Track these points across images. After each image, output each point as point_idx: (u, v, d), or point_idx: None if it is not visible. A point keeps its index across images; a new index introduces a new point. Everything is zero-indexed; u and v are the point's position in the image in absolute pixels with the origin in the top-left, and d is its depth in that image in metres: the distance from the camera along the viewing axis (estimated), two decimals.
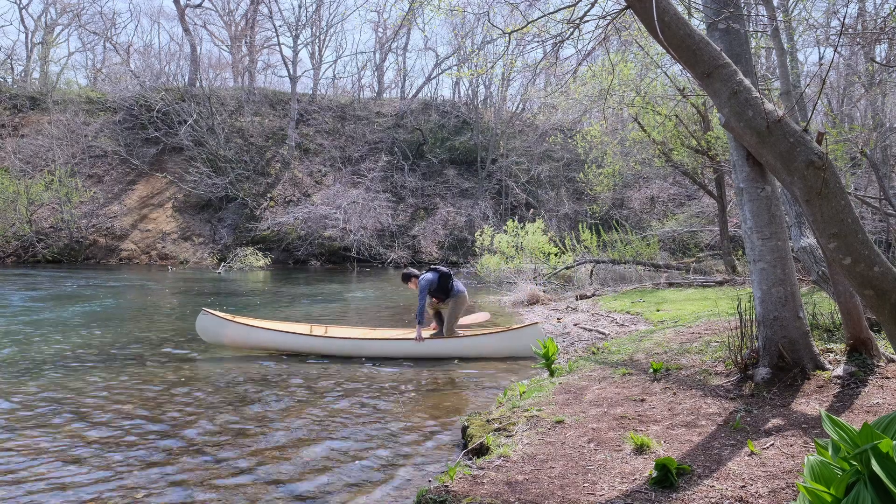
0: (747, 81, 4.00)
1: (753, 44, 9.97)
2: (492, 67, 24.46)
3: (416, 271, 8.60)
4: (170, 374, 7.04)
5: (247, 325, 8.27)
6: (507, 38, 6.20)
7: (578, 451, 3.75)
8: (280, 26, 47.29)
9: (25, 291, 15.54)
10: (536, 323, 8.28)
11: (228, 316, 8.36)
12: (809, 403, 4.14)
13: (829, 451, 2.34)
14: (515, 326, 8.21)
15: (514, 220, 20.88)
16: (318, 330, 8.64)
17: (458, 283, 8.38)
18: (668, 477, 3.15)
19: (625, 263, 16.89)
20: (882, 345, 4.93)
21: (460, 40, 35.49)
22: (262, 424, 5.22)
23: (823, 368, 4.61)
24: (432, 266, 8.49)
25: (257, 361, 7.73)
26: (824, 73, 6.62)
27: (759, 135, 3.81)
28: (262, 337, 8.21)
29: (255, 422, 5.29)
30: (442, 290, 8.26)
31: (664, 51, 4.80)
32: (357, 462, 4.41)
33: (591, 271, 17.34)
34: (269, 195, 31.33)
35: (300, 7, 39.10)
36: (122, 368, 7.23)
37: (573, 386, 5.33)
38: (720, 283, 13.48)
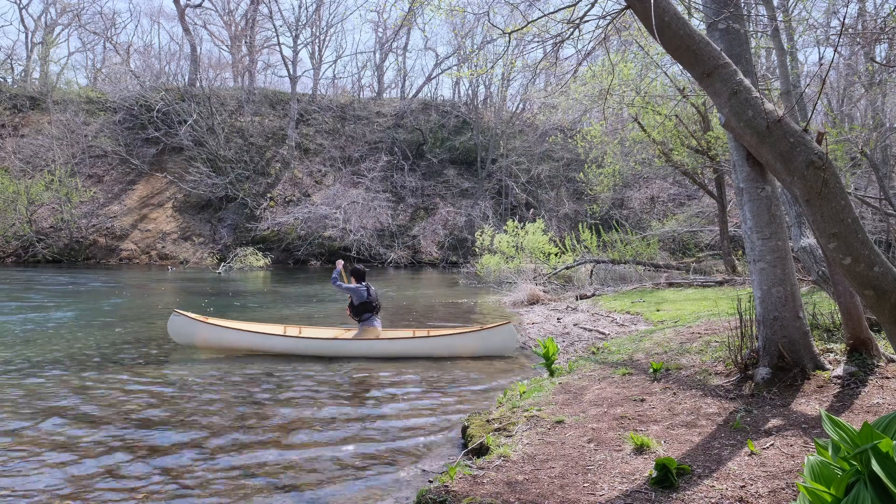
0: (747, 81, 4.00)
1: (753, 44, 9.97)
2: (492, 67, 24.46)
3: (365, 273, 8.74)
4: (167, 375, 7.04)
5: (218, 325, 8.21)
6: (507, 38, 6.19)
7: (578, 451, 3.75)
8: (280, 26, 47.49)
9: (25, 292, 15.54)
10: (508, 322, 8.37)
11: (200, 317, 8.30)
12: (809, 403, 4.14)
13: (829, 451, 2.34)
14: (488, 326, 8.34)
15: (514, 220, 20.88)
16: (292, 331, 8.64)
17: (377, 319, 8.51)
18: (668, 477, 3.15)
19: (625, 263, 16.89)
20: (882, 345, 4.93)
21: (460, 40, 35.51)
22: (259, 425, 5.22)
23: (823, 368, 4.61)
24: (368, 285, 8.58)
25: (251, 362, 7.72)
26: (824, 73, 6.61)
27: (759, 135, 3.81)
28: (235, 338, 8.17)
29: (252, 423, 5.29)
30: (358, 308, 8.40)
31: (664, 51, 4.80)
32: (357, 462, 4.41)
33: (591, 271, 17.34)
34: (269, 195, 31.33)
35: (300, 7, 39.14)
36: (120, 369, 7.23)
37: (573, 386, 5.33)
38: (720, 283, 13.49)
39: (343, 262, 8.86)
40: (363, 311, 8.44)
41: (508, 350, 8.24)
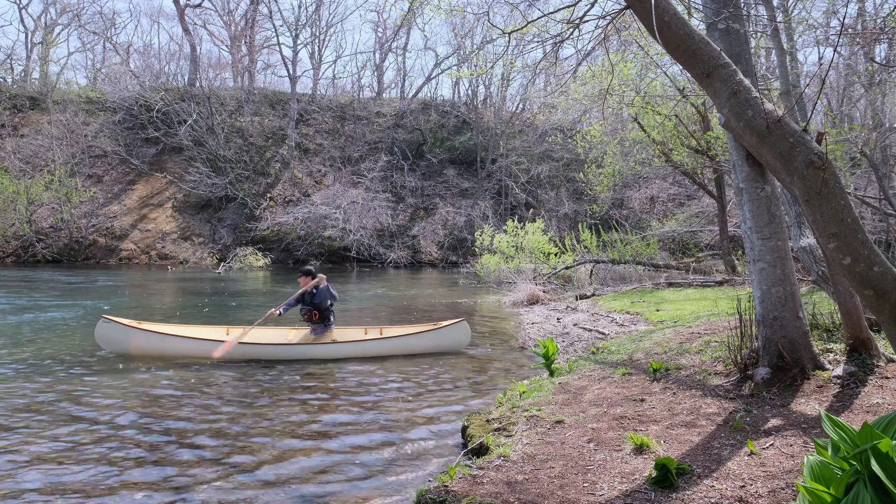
0: (747, 81, 4.00)
1: (753, 44, 9.97)
2: (492, 67, 24.49)
3: (313, 272, 8.46)
4: (164, 375, 7.03)
5: (155, 332, 7.80)
6: (507, 38, 6.19)
7: (578, 451, 3.75)
8: (280, 26, 47.55)
9: (24, 291, 15.53)
10: (462, 320, 8.52)
11: (134, 322, 7.86)
12: (809, 403, 4.14)
13: (829, 451, 2.34)
14: (441, 325, 8.51)
15: (513, 220, 20.88)
16: (235, 333, 8.23)
17: (333, 322, 8.45)
18: (667, 477, 3.15)
19: (625, 263, 16.89)
20: (882, 345, 4.92)
21: (460, 40, 35.53)
22: (259, 426, 5.22)
23: (823, 368, 4.61)
24: (329, 285, 8.38)
25: (245, 366, 7.71)
26: (824, 73, 6.62)
27: (759, 135, 3.81)
28: (174, 344, 7.75)
29: (252, 424, 5.29)
30: (324, 312, 8.27)
31: (664, 51, 4.80)
32: (357, 462, 4.41)
33: (591, 271, 17.34)
34: (268, 195, 31.33)
35: (300, 7, 39.18)
36: (117, 369, 7.22)
37: (573, 386, 5.33)
38: (720, 283, 13.49)
39: (274, 312, 8.06)
40: (329, 314, 8.30)
41: (462, 346, 8.48)
